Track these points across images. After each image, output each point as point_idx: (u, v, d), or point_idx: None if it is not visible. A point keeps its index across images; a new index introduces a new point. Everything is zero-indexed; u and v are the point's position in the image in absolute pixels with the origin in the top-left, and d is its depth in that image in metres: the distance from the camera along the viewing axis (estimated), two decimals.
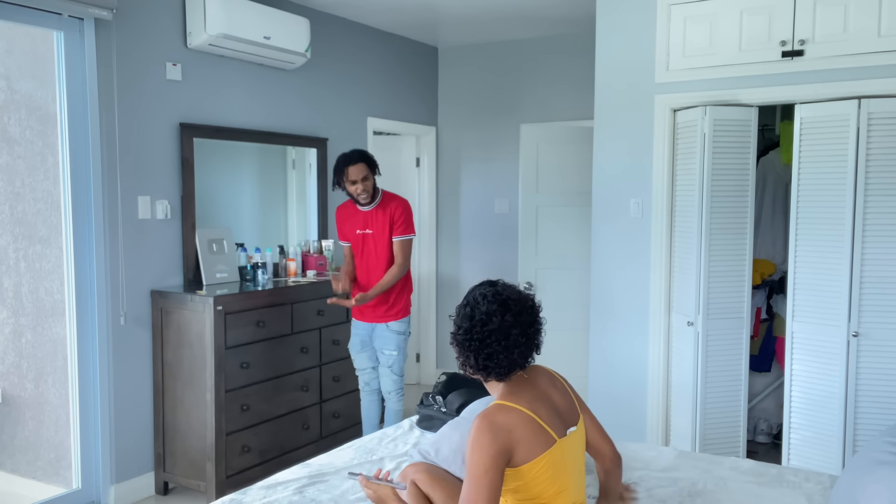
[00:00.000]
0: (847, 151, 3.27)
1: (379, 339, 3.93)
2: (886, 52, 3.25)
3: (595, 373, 4.10)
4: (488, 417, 1.73)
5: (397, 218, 3.83)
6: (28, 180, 3.50)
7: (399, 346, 3.92)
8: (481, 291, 1.86)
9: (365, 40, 5.25)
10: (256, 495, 2.36)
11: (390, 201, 3.87)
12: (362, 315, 3.96)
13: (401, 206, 3.86)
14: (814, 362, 3.43)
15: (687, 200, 3.69)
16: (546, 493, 1.76)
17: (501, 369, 1.81)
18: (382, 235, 3.83)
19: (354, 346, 4.03)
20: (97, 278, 3.53)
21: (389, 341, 3.91)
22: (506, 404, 1.77)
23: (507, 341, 1.79)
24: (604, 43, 3.98)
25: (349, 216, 3.92)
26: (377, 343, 3.94)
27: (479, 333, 1.80)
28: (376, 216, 3.84)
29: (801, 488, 2.42)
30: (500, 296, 1.83)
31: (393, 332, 3.91)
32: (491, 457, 1.68)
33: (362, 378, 4.07)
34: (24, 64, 3.47)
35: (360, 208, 3.87)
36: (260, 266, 4.11)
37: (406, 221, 3.86)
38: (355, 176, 3.71)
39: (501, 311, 1.80)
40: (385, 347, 3.92)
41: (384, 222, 3.83)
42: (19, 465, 3.69)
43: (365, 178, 3.74)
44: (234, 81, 4.21)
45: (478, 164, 5.87)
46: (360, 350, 4.01)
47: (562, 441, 1.79)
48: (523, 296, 1.87)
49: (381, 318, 3.91)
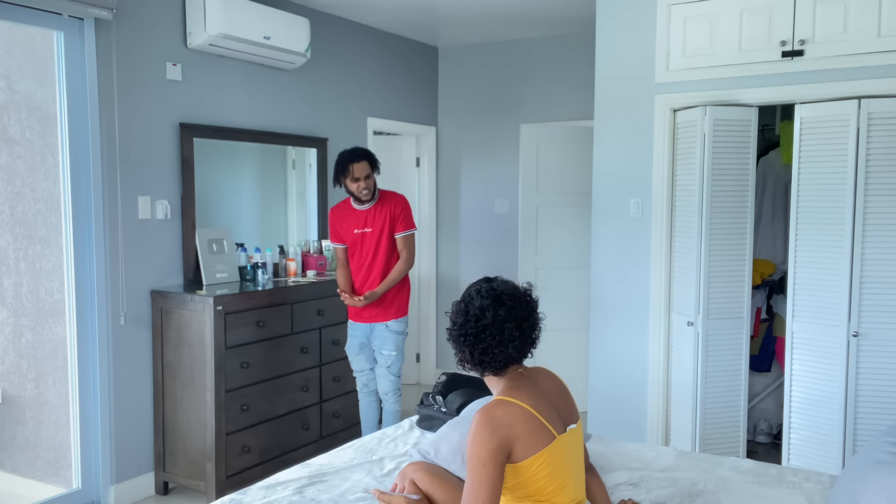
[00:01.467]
0: (847, 151, 3.27)
1: (377, 339, 3.90)
2: (886, 52, 3.25)
3: (595, 373, 4.10)
4: (488, 412, 1.74)
5: (398, 214, 3.81)
6: (28, 180, 3.50)
7: (398, 346, 3.90)
8: (476, 287, 1.88)
9: (365, 40, 5.25)
10: (256, 495, 2.36)
11: (389, 198, 3.85)
12: (359, 316, 3.92)
13: (400, 202, 3.85)
14: (814, 362, 3.43)
15: (687, 200, 3.69)
16: (545, 490, 1.77)
17: (497, 363, 1.82)
18: (382, 233, 3.80)
19: (352, 348, 3.99)
20: (97, 278, 3.53)
21: (388, 341, 3.88)
22: (506, 399, 1.77)
23: (502, 336, 1.80)
24: (604, 43, 3.98)
25: (346, 216, 3.88)
26: (375, 343, 3.91)
27: (473, 328, 1.82)
28: (375, 214, 3.82)
29: (801, 488, 2.42)
30: (495, 291, 1.84)
31: (392, 332, 3.88)
32: (491, 451, 1.69)
33: (360, 380, 4.05)
34: (24, 64, 3.47)
35: (356, 207, 3.84)
36: (260, 266, 4.11)
37: (407, 217, 3.85)
38: (359, 173, 3.69)
39: (495, 306, 1.81)
40: (384, 347, 3.89)
41: (383, 219, 3.80)
42: (19, 465, 3.69)
43: (367, 177, 3.73)
44: (234, 81, 4.21)
45: (478, 164, 5.87)
46: (359, 352, 3.97)
47: (561, 437, 1.80)
48: (519, 290, 1.88)
49: (380, 317, 3.88)
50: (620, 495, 2.34)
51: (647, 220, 3.88)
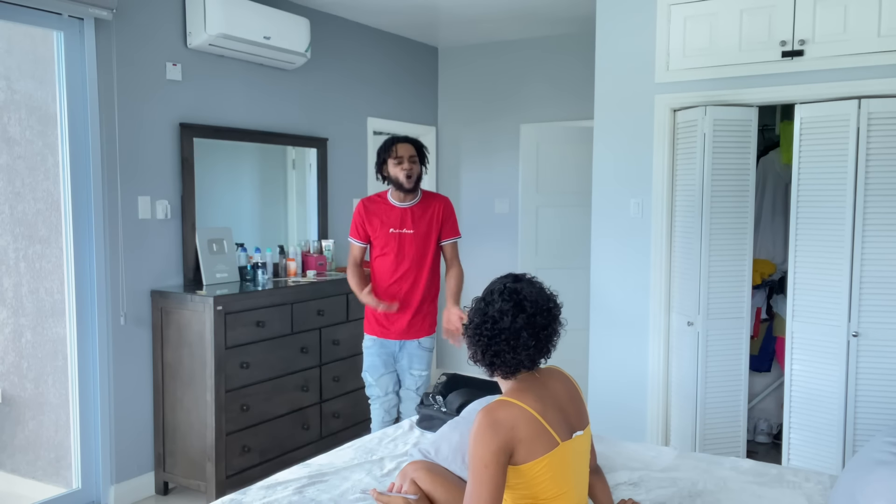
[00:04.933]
0: (847, 151, 3.27)
1: (407, 357, 3.48)
2: (886, 52, 3.25)
3: (595, 373, 4.10)
4: (491, 413, 1.71)
5: (448, 217, 3.46)
6: (28, 180, 3.50)
7: (429, 364, 3.51)
8: (500, 286, 1.82)
9: (365, 40, 5.25)
10: (256, 495, 2.36)
11: (434, 199, 3.47)
12: (388, 331, 3.45)
13: (449, 205, 3.49)
14: (814, 362, 3.43)
15: (687, 200, 3.69)
16: (546, 494, 1.76)
17: (507, 368, 1.79)
18: (427, 236, 3.41)
19: (375, 369, 3.49)
20: (97, 278, 3.53)
21: (420, 360, 3.47)
22: (509, 400, 1.75)
23: (516, 342, 1.76)
24: (604, 43, 3.98)
25: (380, 211, 3.43)
26: (405, 362, 3.48)
27: (489, 330, 1.78)
28: (418, 214, 3.41)
29: (801, 488, 2.42)
30: (518, 294, 1.78)
31: (425, 350, 3.49)
32: (492, 452, 1.67)
33: (382, 406, 3.52)
34: (24, 64, 3.47)
35: (395, 203, 3.42)
36: (260, 266, 4.11)
37: (455, 221, 3.52)
38: (404, 153, 3.33)
39: (514, 311, 1.76)
40: (414, 367, 3.47)
41: (430, 222, 3.42)
42: (19, 465, 3.69)
43: (413, 160, 3.35)
44: (233, 81, 4.21)
45: (478, 164, 5.87)
46: (384, 373, 3.48)
47: (565, 444, 1.77)
48: (543, 296, 1.81)
49: (414, 333, 3.45)
50: (621, 495, 2.34)
51: (647, 220, 3.88)
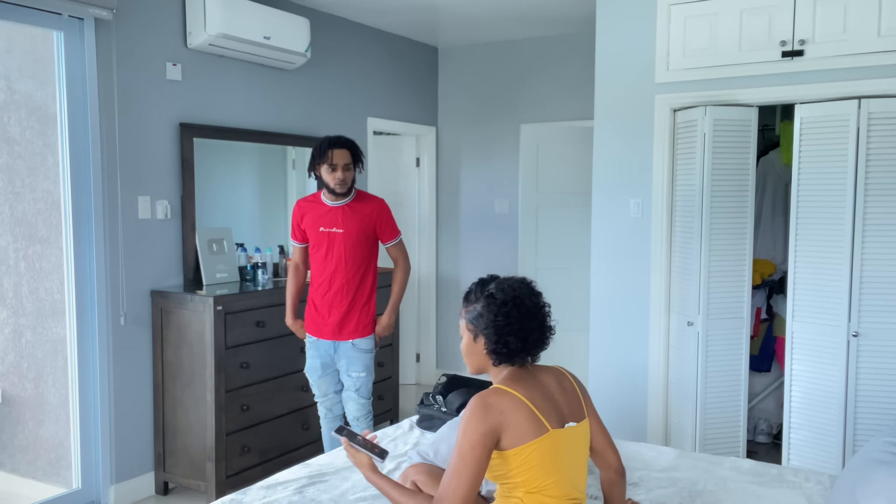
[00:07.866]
0: (847, 151, 3.27)
1: (344, 359, 3.45)
2: (886, 52, 3.25)
3: (595, 373, 4.10)
4: (483, 398, 1.78)
5: (383, 222, 3.44)
6: (28, 180, 3.50)
7: (367, 365, 3.47)
8: (490, 283, 1.91)
9: (365, 40, 5.25)
10: (256, 495, 2.36)
11: (368, 201, 3.44)
12: (321, 331, 3.45)
13: (382, 206, 3.45)
14: (814, 362, 3.43)
15: (687, 200, 3.69)
16: (535, 482, 1.77)
17: (509, 353, 1.84)
18: (358, 237, 3.39)
19: (314, 370, 3.51)
20: (97, 278, 3.53)
21: (356, 361, 3.44)
22: (501, 388, 1.81)
23: (531, 323, 1.83)
24: (604, 43, 3.98)
25: (312, 210, 3.43)
26: (341, 364, 3.47)
27: (504, 317, 1.83)
28: (349, 214, 3.38)
29: (801, 488, 2.42)
30: (510, 286, 1.87)
31: (360, 351, 3.44)
32: (481, 434, 1.73)
33: (323, 405, 3.58)
34: (24, 64, 3.47)
35: (327, 202, 3.41)
36: (260, 266, 4.11)
37: (393, 223, 3.49)
38: (339, 160, 3.30)
39: (514, 302, 1.85)
40: (351, 369, 3.45)
41: (360, 223, 3.39)
42: (19, 465, 3.69)
43: (347, 167, 3.32)
44: (234, 81, 4.21)
45: (478, 164, 5.87)
46: (322, 374, 3.51)
47: (556, 432, 1.79)
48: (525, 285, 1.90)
49: (347, 334, 3.43)
50: None
51: (647, 220, 3.88)
